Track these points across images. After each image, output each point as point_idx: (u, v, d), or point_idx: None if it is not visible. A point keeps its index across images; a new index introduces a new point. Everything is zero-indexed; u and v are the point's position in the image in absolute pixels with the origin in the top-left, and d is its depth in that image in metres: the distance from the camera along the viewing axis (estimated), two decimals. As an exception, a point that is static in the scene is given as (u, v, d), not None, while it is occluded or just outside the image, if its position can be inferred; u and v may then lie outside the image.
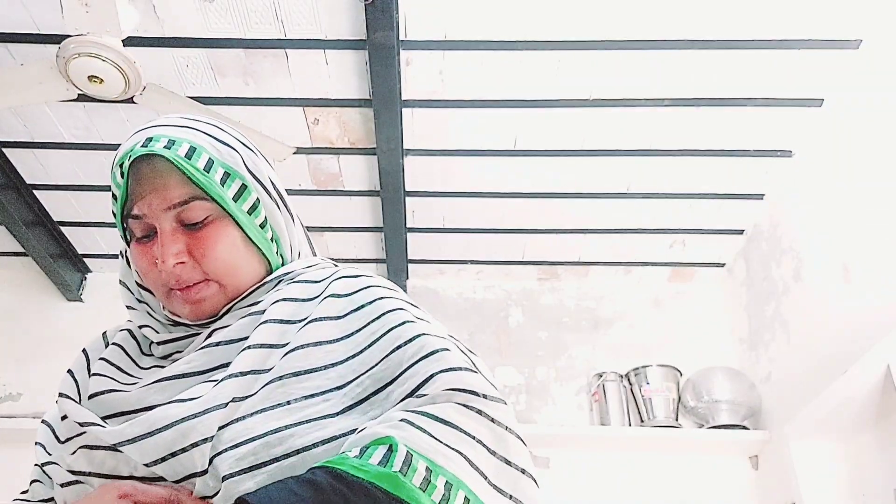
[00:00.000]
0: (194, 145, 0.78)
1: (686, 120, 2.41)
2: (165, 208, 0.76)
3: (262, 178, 0.83)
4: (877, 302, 2.04)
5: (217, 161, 0.78)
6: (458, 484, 0.59)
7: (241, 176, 0.80)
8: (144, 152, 0.75)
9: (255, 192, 0.81)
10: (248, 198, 0.80)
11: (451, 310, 3.18)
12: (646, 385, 2.80)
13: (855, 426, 2.19)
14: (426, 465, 0.59)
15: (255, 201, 0.80)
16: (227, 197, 0.78)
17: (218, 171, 0.78)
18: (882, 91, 2.08)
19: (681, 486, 2.69)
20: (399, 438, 0.60)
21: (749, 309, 2.88)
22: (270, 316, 0.75)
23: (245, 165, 0.81)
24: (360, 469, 0.57)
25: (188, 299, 0.78)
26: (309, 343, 0.73)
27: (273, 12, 2.09)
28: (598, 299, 3.18)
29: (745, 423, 2.71)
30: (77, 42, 1.77)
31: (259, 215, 0.81)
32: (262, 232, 0.81)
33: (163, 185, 0.76)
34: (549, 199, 2.77)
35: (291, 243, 0.87)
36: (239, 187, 0.79)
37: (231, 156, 0.80)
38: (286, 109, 2.41)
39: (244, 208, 0.79)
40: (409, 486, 0.57)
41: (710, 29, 2.11)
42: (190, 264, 0.77)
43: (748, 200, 2.74)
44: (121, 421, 0.71)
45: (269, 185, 0.84)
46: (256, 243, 0.81)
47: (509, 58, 2.21)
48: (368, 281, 0.81)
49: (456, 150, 2.55)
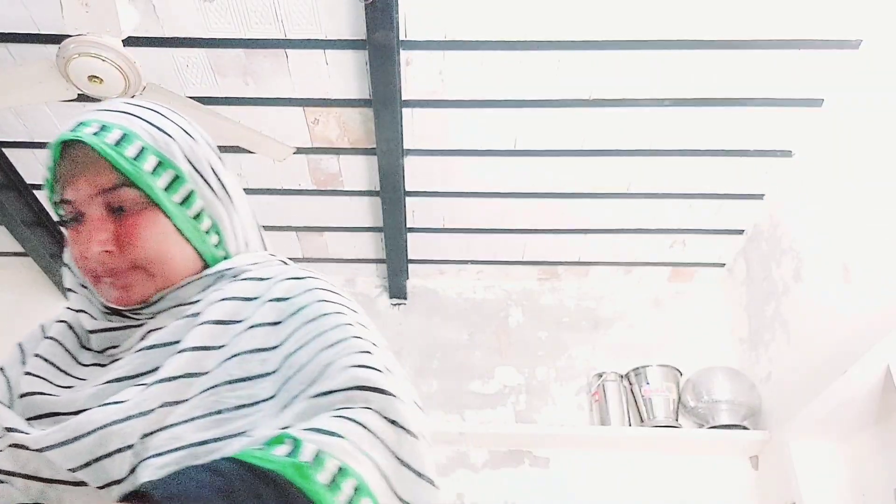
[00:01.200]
0: (127, 132, 0.76)
1: (686, 120, 2.41)
2: (93, 194, 0.75)
3: (202, 167, 0.80)
4: (877, 302, 2.04)
5: (150, 149, 0.76)
6: (365, 490, 0.56)
7: (175, 166, 0.77)
8: (71, 137, 0.74)
9: (190, 183, 0.78)
10: (179, 188, 0.77)
11: (451, 310, 3.18)
12: (646, 385, 2.80)
13: (855, 426, 2.19)
14: (338, 464, 0.55)
15: (188, 192, 0.78)
16: (156, 186, 0.76)
17: (149, 159, 0.76)
18: (882, 91, 2.08)
19: (681, 486, 2.69)
20: (304, 436, 0.56)
21: (749, 309, 2.88)
22: (207, 317, 0.73)
23: (183, 155, 0.79)
24: (263, 459, 0.54)
25: (115, 285, 0.76)
26: (245, 350, 0.70)
27: (273, 12, 2.09)
28: (598, 299, 3.19)
29: (745, 423, 2.71)
30: (77, 42, 1.77)
31: (192, 206, 0.79)
32: (194, 223, 0.79)
33: (93, 170, 0.75)
34: (549, 199, 2.77)
35: (236, 235, 0.84)
36: (172, 177, 0.77)
37: (167, 144, 0.78)
38: (286, 109, 2.41)
39: (175, 199, 0.77)
40: (316, 481, 0.53)
41: (710, 29, 2.11)
42: (116, 252, 0.75)
43: (748, 200, 2.74)
44: (52, 422, 0.69)
45: (210, 175, 0.81)
46: (187, 235, 0.78)
47: (509, 58, 2.21)
48: (312, 283, 0.77)
49: (456, 150, 2.55)
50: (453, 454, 2.82)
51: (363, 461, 0.57)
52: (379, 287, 3.25)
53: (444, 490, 2.74)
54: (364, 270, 3.25)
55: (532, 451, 2.81)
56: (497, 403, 2.95)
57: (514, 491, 2.73)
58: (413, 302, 3.21)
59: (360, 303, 2.88)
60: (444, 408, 2.93)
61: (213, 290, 0.77)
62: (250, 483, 0.51)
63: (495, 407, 2.94)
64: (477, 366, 3.03)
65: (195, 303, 0.76)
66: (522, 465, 2.79)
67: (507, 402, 2.95)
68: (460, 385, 2.99)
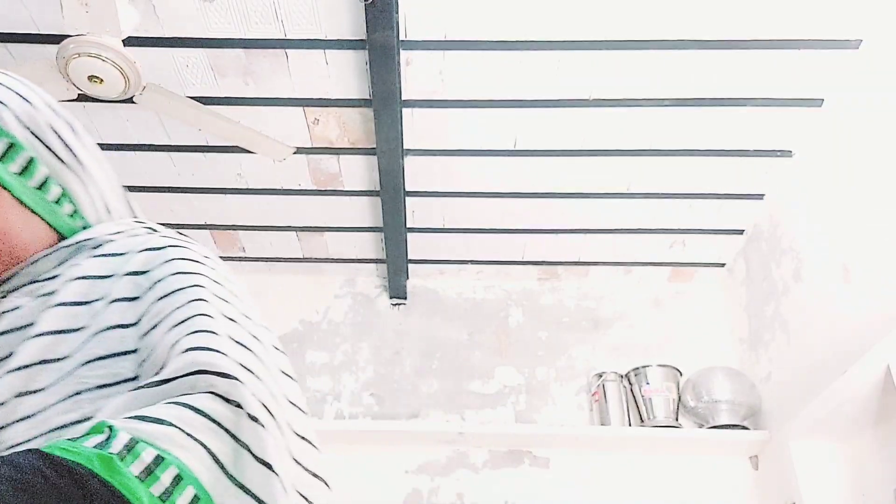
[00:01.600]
0: None
1: (686, 120, 2.41)
2: None
3: (42, 133, 0.75)
4: (877, 302, 2.04)
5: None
6: (188, 478, 0.51)
7: (8, 133, 0.73)
8: None
9: (29, 150, 0.74)
10: (16, 156, 0.73)
11: (451, 310, 3.18)
12: (646, 385, 2.80)
13: (855, 426, 2.19)
14: (155, 453, 0.51)
15: (27, 160, 0.73)
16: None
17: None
18: (882, 91, 2.08)
19: (681, 486, 2.69)
20: (121, 425, 0.52)
21: (749, 309, 2.88)
22: (62, 298, 0.68)
23: (17, 120, 0.74)
24: (68, 450, 0.49)
25: None
26: (104, 327, 0.66)
27: (273, 12, 2.09)
28: (598, 299, 3.19)
29: (745, 423, 2.71)
30: (77, 42, 1.77)
31: (34, 175, 0.74)
32: (39, 193, 0.74)
33: None
34: (549, 199, 2.77)
35: (94, 202, 0.78)
36: (6, 146, 0.72)
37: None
38: (286, 109, 2.41)
39: (12, 169, 0.72)
40: (124, 472, 0.49)
41: (710, 29, 2.11)
42: None
43: (748, 200, 2.74)
44: None
45: (55, 140, 0.76)
46: (32, 205, 0.73)
47: (509, 58, 2.21)
48: (171, 253, 0.71)
49: (456, 150, 2.55)
50: (453, 454, 2.81)
51: (190, 447, 0.53)
52: (379, 287, 3.25)
53: (445, 490, 2.74)
54: (364, 270, 3.25)
55: (532, 451, 2.81)
56: (497, 403, 2.95)
57: (514, 491, 2.73)
58: (413, 302, 3.21)
59: (359, 303, 2.88)
60: (444, 408, 2.93)
61: (70, 266, 0.72)
62: (48, 476, 0.47)
63: (495, 407, 2.94)
64: (477, 366, 3.03)
65: (52, 279, 0.71)
66: (522, 465, 2.79)
67: (507, 402, 2.95)
68: (460, 385, 2.99)
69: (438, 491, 2.75)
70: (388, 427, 2.79)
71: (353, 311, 3.19)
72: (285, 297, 3.21)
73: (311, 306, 3.19)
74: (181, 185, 2.73)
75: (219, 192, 2.78)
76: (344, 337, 3.12)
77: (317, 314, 3.18)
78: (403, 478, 2.77)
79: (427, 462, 2.80)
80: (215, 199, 2.83)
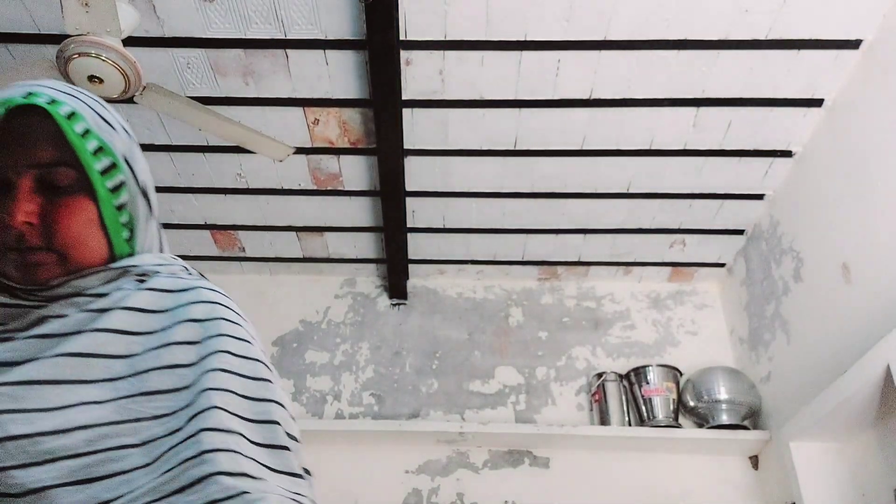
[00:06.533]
0: (76, 111, 0.76)
1: (686, 120, 2.41)
2: (29, 165, 0.74)
3: (133, 162, 0.81)
4: (877, 302, 2.04)
5: (94, 132, 0.77)
6: None
7: (114, 154, 0.78)
8: (24, 103, 0.73)
9: (123, 174, 0.79)
10: (114, 176, 0.78)
11: (451, 310, 3.18)
12: (646, 385, 2.81)
13: (855, 426, 2.19)
14: None
15: (119, 182, 0.78)
16: (96, 168, 0.75)
17: (92, 141, 0.76)
18: (882, 91, 2.08)
19: (681, 486, 2.70)
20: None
21: (749, 309, 2.88)
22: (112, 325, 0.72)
23: (121, 146, 0.80)
24: None
25: (22, 261, 0.73)
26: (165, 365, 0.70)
27: (273, 12, 2.09)
28: (598, 299, 3.19)
29: (745, 423, 2.71)
30: (77, 42, 1.77)
31: (120, 197, 0.79)
32: (117, 214, 0.79)
33: (32, 141, 0.74)
34: (549, 199, 2.77)
35: (147, 233, 0.83)
36: (109, 164, 0.77)
37: (109, 133, 0.78)
38: (286, 109, 2.41)
39: (108, 186, 0.77)
40: None
41: (709, 29, 2.11)
42: (38, 228, 0.73)
43: (748, 200, 2.74)
44: None
45: (139, 171, 0.82)
46: (108, 224, 0.78)
47: (509, 58, 2.21)
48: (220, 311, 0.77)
49: (456, 150, 2.55)
50: (453, 454, 2.82)
51: None
52: (379, 287, 3.25)
53: (445, 490, 2.74)
54: (364, 270, 3.25)
55: (532, 451, 2.82)
56: (497, 403, 2.95)
57: (514, 491, 2.73)
58: (413, 302, 3.21)
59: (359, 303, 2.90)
60: (444, 408, 2.93)
61: (117, 289, 0.76)
62: None
63: (495, 407, 2.94)
64: (477, 366, 3.04)
65: (99, 296, 0.75)
66: (522, 465, 2.79)
67: (507, 402, 2.95)
68: (460, 385, 2.99)
69: (438, 491, 2.75)
70: (388, 427, 2.79)
71: (353, 311, 3.19)
72: (285, 297, 3.21)
73: (311, 306, 3.19)
74: (181, 185, 2.73)
75: (219, 192, 2.78)
76: (344, 337, 3.12)
77: (317, 314, 3.18)
78: (403, 478, 2.77)
79: (427, 462, 2.80)
80: (215, 199, 2.83)
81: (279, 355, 3.06)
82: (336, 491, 2.70)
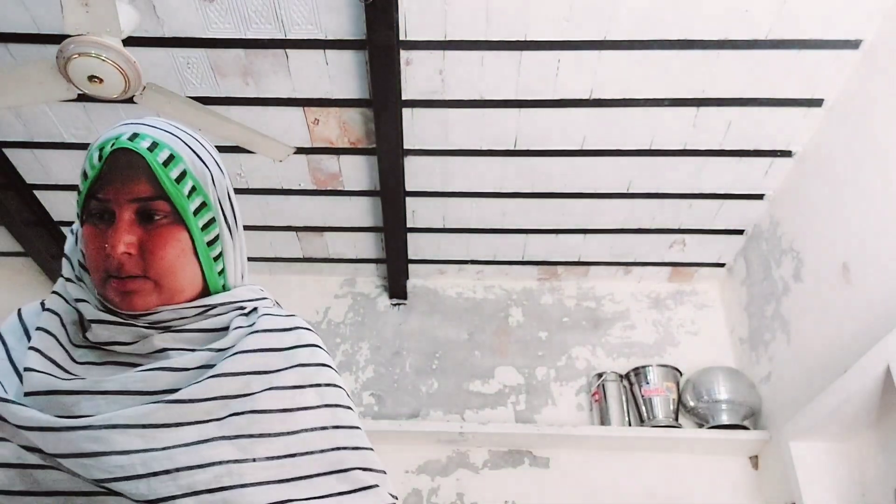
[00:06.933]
0: (174, 154, 0.82)
1: (686, 120, 2.41)
2: (130, 199, 0.79)
3: (224, 199, 0.87)
4: (877, 302, 2.04)
5: (190, 174, 0.83)
6: None
7: (206, 194, 0.84)
8: (129, 146, 0.79)
9: (213, 212, 0.85)
10: (205, 214, 0.84)
11: (451, 310, 3.18)
12: (646, 385, 2.81)
13: (855, 426, 2.19)
14: None
15: (210, 219, 0.85)
16: (189, 209, 0.82)
17: (188, 183, 0.82)
18: (882, 91, 2.08)
19: (681, 486, 2.70)
20: None
21: (749, 309, 2.88)
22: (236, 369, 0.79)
23: (213, 184, 0.86)
24: None
25: (122, 288, 0.79)
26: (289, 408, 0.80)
27: (273, 12, 2.09)
28: (598, 299, 3.19)
29: (745, 423, 2.71)
30: (77, 42, 1.77)
31: (210, 233, 0.85)
32: (208, 249, 0.85)
33: (135, 178, 0.80)
34: (549, 199, 2.77)
35: (235, 266, 0.90)
36: (200, 203, 0.84)
37: (203, 173, 0.84)
38: (286, 109, 2.41)
39: (200, 224, 0.84)
40: None
41: (710, 29, 2.11)
42: (136, 257, 0.79)
43: (748, 200, 2.74)
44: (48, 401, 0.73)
45: (229, 207, 0.88)
46: (201, 257, 0.84)
47: (509, 58, 2.21)
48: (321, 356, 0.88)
49: (456, 150, 2.55)
50: (453, 454, 2.82)
51: None
52: (379, 287, 3.25)
53: (445, 490, 2.74)
54: (364, 270, 3.25)
55: (532, 451, 2.82)
56: (497, 403, 2.95)
57: (514, 491, 2.73)
58: (413, 302, 3.21)
59: (359, 303, 2.89)
60: (444, 408, 2.93)
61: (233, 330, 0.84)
62: None
63: (495, 407, 2.94)
64: (477, 366, 3.03)
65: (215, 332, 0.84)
66: (522, 465, 2.79)
67: (507, 402, 2.95)
68: (460, 385, 2.99)
69: (438, 491, 2.75)
70: (388, 427, 2.79)
71: (353, 311, 3.19)
72: (285, 297, 3.18)
73: (311, 306, 3.19)
74: (181, 185, 2.73)
75: (219, 192, 2.78)
76: (344, 337, 3.12)
77: (317, 314, 3.18)
78: (403, 478, 2.77)
79: (427, 462, 2.80)
80: (215, 199, 2.82)
81: (279, 355, 3.06)
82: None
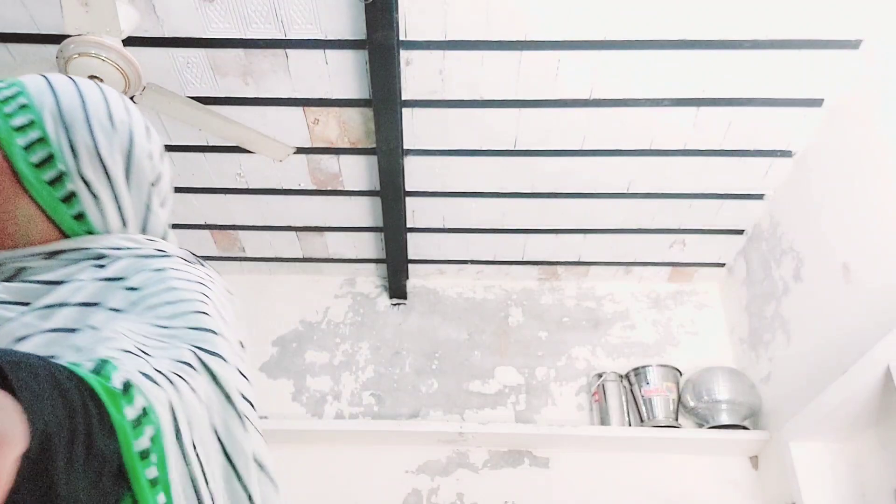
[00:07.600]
0: (20, 88, 0.76)
1: (686, 120, 2.41)
2: None
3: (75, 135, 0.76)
4: (877, 302, 2.04)
5: (31, 108, 0.75)
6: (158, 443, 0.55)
7: (44, 129, 0.75)
8: None
9: (54, 147, 0.75)
10: (38, 150, 0.74)
11: (451, 310, 3.18)
12: (646, 385, 2.81)
13: (855, 426, 2.19)
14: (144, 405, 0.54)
15: (47, 155, 0.75)
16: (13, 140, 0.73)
17: (20, 117, 0.74)
18: (882, 91, 2.08)
19: (681, 486, 2.70)
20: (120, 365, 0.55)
21: (749, 309, 2.88)
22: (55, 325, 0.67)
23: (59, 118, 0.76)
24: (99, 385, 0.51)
25: None
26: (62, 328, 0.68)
27: (273, 12, 2.09)
28: (598, 299, 3.19)
29: (745, 423, 2.71)
30: (77, 42, 1.77)
31: (48, 171, 0.75)
32: (49, 189, 0.74)
33: None
34: (549, 199, 2.77)
35: (105, 211, 0.78)
36: (37, 138, 0.74)
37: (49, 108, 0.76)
38: (286, 109, 2.41)
39: (32, 160, 0.74)
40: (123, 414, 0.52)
41: (710, 29, 2.11)
42: None
43: (748, 200, 2.74)
44: None
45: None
46: (35, 195, 0.74)
47: (509, 58, 2.21)
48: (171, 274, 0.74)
49: (456, 150, 2.55)
50: (453, 454, 2.82)
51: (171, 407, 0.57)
52: (379, 287, 3.25)
53: (445, 490, 2.74)
54: (364, 270, 3.25)
55: (532, 451, 2.81)
56: (497, 403, 2.95)
57: (514, 491, 2.73)
58: (413, 302, 3.21)
59: (359, 303, 2.88)
60: (443, 408, 2.93)
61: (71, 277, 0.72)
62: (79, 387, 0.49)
63: (495, 407, 2.94)
64: (477, 366, 3.04)
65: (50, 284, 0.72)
66: (522, 465, 2.79)
67: (507, 402, 2.95)
68: (460, 385, 2.99)
69: (438, 491, 2.75)
70: (388, 427, 2.79)
71: (353, 311, 3.19)
72: (285, 297, 3.21)
73: (311, 306, 3.19)
74: (181, 185, 2.73)
75: (219, 192, 2.78)
76: (344, 337, 3.12)
77: (317, 314, 3.18)
78: (403, 478, 2.77)
79: (427, 462, 2.80)
80: (215, 199, 2.83)
81: (279, 355, 3.07)
82: (336, 491, 2.70)
